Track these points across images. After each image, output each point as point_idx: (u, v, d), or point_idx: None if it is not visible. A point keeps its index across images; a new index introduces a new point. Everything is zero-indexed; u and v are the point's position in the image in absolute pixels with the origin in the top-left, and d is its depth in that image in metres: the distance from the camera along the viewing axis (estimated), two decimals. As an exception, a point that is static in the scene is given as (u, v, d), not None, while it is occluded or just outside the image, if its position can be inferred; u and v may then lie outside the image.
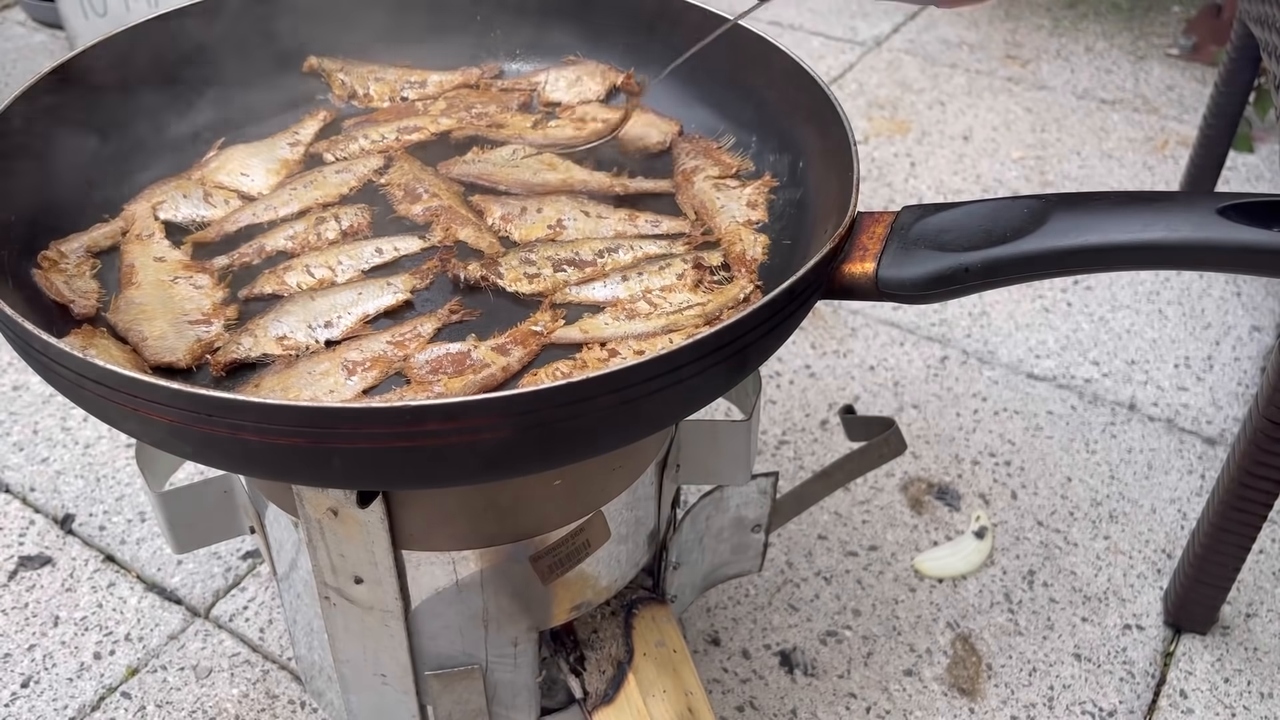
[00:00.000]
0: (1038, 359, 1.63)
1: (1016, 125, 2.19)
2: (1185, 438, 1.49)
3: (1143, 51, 2.46)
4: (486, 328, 0.79)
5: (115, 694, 1.17)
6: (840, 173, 0.81)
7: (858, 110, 2.24)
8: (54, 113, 0.87)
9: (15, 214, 0.82)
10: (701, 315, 0.79)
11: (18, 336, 0.68)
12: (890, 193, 1.99)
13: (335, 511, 0.78)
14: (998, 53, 2.45)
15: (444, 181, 0.95)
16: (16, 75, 2.31)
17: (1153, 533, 1.36)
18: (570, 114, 1.03)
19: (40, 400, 1.53)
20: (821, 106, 0.86)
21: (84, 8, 2.05)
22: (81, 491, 1.40)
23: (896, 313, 1.71)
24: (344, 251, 0.86)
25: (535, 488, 0.84)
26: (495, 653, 0.92)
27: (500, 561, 0.86)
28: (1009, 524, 1.37)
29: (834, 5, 2.67)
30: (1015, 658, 1.22)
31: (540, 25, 1.08)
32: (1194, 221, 0.66)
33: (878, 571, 1.31)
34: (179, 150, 0.97)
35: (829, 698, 1.18)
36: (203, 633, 1.23)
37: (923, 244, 0.73)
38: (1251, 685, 1.19)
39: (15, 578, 1.29)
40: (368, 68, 1.07)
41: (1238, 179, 2.01)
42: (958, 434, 1.49)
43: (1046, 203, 0.71)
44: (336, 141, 0.99)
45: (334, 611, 0.88)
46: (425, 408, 0.60)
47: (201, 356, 0.77)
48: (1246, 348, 1.64)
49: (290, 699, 1.17)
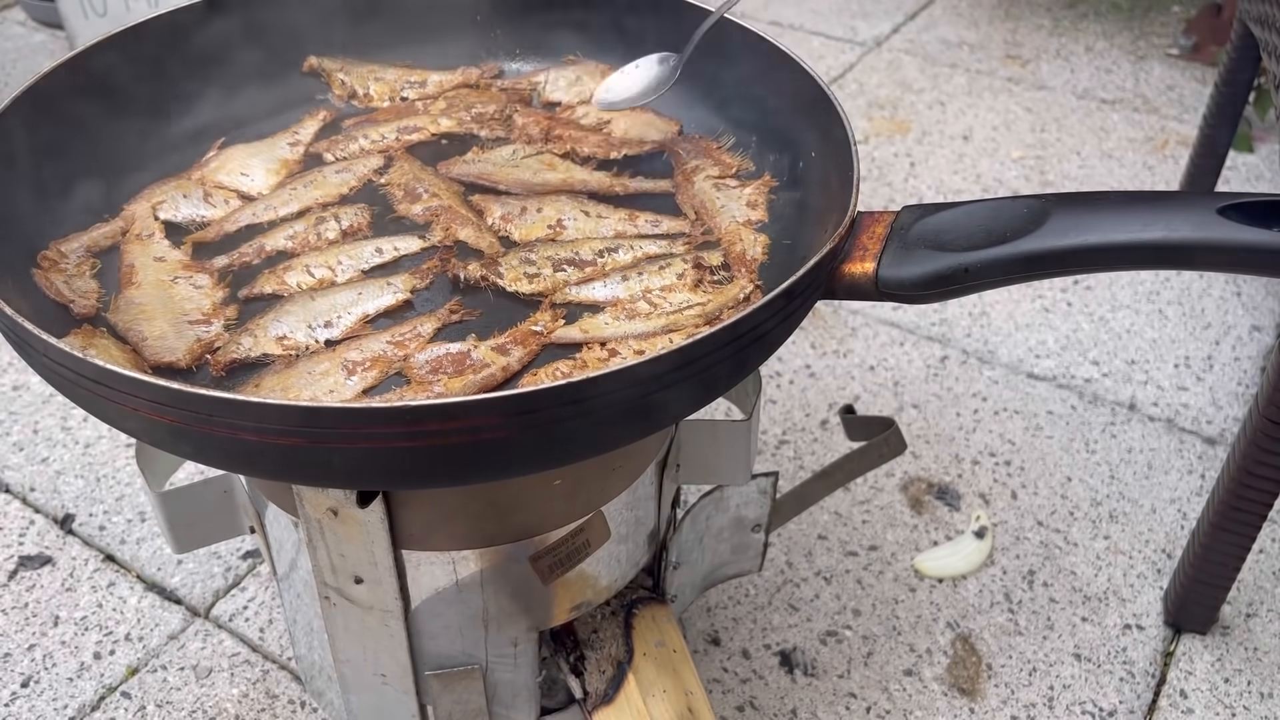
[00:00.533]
0: (1038, 359, 1.63)
1: (1016, 125, 2.19)
2: (1185, 437, 1.49)
3: (1143, 51, 2.46)
4: (486, 328, 0.79)
5: (115, 694, 1.17)
6: (840, 172, 0.81)
7: (858, 110, 2.24)
8: (54, 112, 0.87)
9: (15, 214, 0.82)
10: (701, 315, 0.79)
11: (18, 336, 0.68)
12: (890, 192, 1.99)
13: (335, 511, 0.78)
14: (998, 53, 2.45)
15: (444, 181, 0.95)
16: (16, 75, 2.31)
17: (1153, 532, 1.36)
18: (570, 112, 1.03)
19: (40, 400, 1.53)
20: (821, 106, 0.86)
21: (84, 7, 2.04)
22: (81, 491, 1.40)
23: (896, 313, 1.71)
24: (344, 251, 0.86)
25: (535, 488, 0.84)
26: (495, 653, 0.92)
27: (500, 561, 0.86)
28: (1009, 524, 1.37)
29: (834, 5, 2.67)
30: (1015, 657, 1.22)
31: (540, 25, 1.08)
32: (1194, 221, 0.66)
33: (878, 571, 1.31)
34: (179, 150, 0.97)
35: (829, 697, 1.18)
36: (203, 633, 1.23)
37: (923, 244, 0.73)
38: (1251, 685, 1.19)
39: (15, 577, 1.29)
40: (367, 67, 1.07)
41: (1238, 179, 2.01)
42: (958, 434, 1.49)
43: (1046, 202, 0.71)
44: (336, 141, 0.99)
45: (334, 611, 0.88)
46: (425, 408, 0.60)
47: (201, 356, 0.77)
48: (1246, 347, 1.64)
49: (290, 699, 1.17)
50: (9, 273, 0.78)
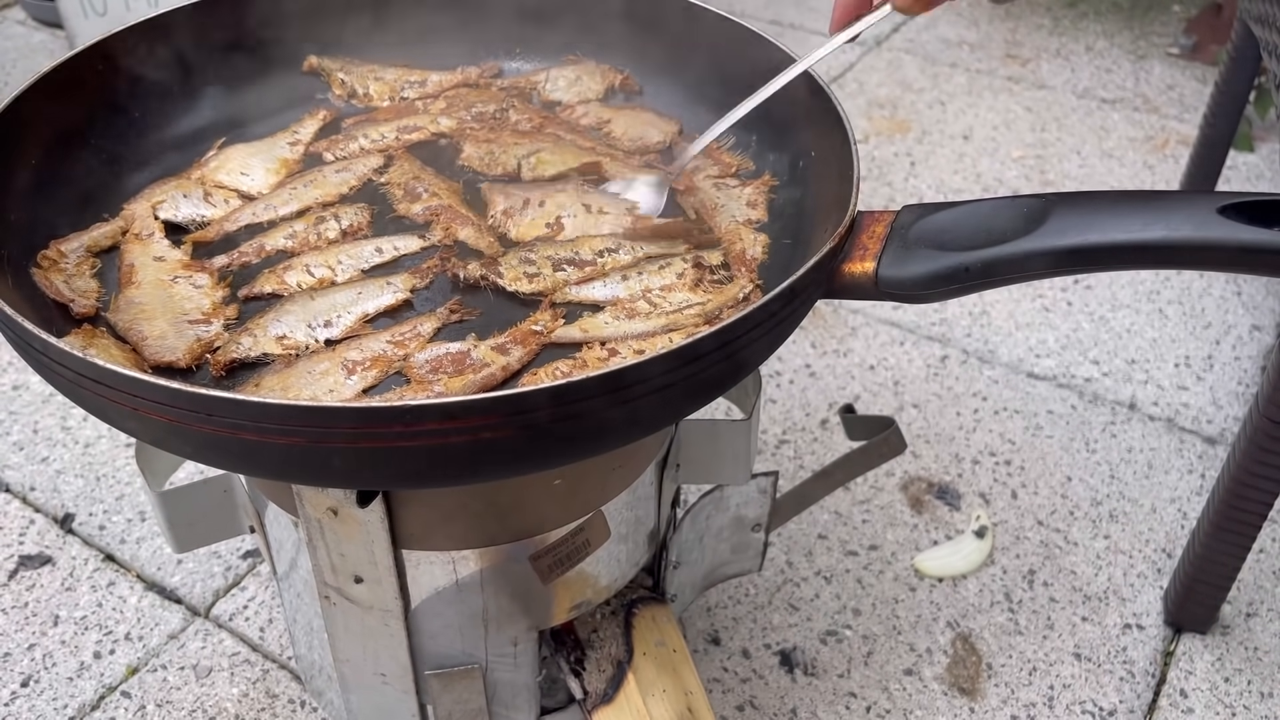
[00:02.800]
0: (1038, 358, 1.63)
1: (1017, 124, 2.19)
2: (1185, 437, 1.49)
3: (1143, 51, 2.46)
4: (486, 327, 0.79)
5: (115, 693, 1.17)
6: (840, 172, 0.81)
7: (858, 109, 2.24)
8: (54, 112, 0.87)
9: (15, 213, 0.82)
10: (701, 314, 0.79)
11: (18, 336, 0.68)
12: (890, 192, 1.99)
13: (335, 511, 0.78)
14: (998, 52, 2.45)
15: (444, 181, 0.95)
16: (16, 75, 2.31)
17: (1153, 532, 1.36)
18: (570, 112, 1.03)
19: (40, 400, 1.53)
20: (822, 106, 0.86)
21: (84, 7, 2.04)
22: (81, 491, 1.40)
23: (897, 312, 1.71)
24: (344, 251, 0.86)
25: (535, 487, 0.84)
26: (495, 652, 0.92)
27: (500, 561, 0.86)
28: (1009, 523, 1.37)
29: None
30: (1015, 657, 1.22)
31: (540, 24, 1.07)
32: (1194, 221, 0.66)
33: (878, 571, 1.31)
34: (179, 150, 0.96)
35: (829, 697, 1.18)
36: (203, 632, 1.23)
37: (923, 243, 0.73)
38: (1252, 685, 1.19)
39: (15, 577, 1.29)
40: (367, 67, 1.06)
41: (1238, 178, 2.01)
42: (958, 433, 1.49)
43: (1047, 202, 0.71)
44: (336, 141, 0.99)
45: (334, 611, 0.88)
46: (425, 408, 0.60)
47: (201, 356, 0.77)
48: (1247, 347, 1.64)
49: (290, 698, 1.17)
50: (9, 272, 0.78)
